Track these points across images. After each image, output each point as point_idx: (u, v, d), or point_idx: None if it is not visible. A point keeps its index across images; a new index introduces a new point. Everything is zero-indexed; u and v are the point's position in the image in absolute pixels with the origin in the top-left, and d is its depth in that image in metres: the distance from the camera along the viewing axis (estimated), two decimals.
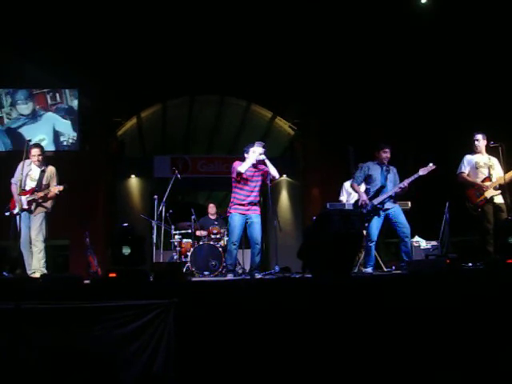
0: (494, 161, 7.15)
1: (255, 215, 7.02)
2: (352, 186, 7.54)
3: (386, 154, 7.24)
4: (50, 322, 3.84)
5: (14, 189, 6.91)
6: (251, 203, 7.03)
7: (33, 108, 11.15)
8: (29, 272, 6.64)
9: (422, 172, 7.02)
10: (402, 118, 10.47)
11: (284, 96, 11.92)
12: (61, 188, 6.96)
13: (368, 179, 7.29)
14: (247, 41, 10.38)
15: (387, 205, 7.08)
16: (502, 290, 4.45)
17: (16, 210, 6.77)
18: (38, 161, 7.02)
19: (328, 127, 11.67)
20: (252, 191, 7.06)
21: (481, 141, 7.22)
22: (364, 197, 7.16)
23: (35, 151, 7.01)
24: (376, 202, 7.08)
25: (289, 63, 10.90)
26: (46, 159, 7.28)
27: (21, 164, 6.93)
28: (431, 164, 7.02)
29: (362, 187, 7.45)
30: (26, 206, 6.79)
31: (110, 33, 9.87)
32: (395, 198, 7.17)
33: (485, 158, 7.19)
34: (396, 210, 7.09)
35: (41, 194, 6.88)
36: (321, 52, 10.61)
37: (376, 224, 7.08)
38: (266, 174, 7.10)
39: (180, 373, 3.95)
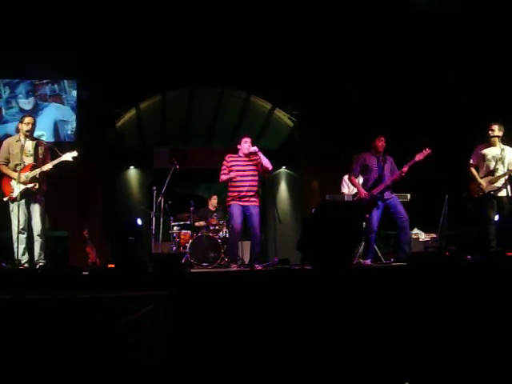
0: (508, 152, 7.07)
1: (253, 206, 7.06)
2: (350, 179, 7.50)
3: (381, 143, 7.20)
4: (49, 313, 3.83)
5: (5, 169, 6.47)
6: (248, 195, 7.06)
7: (34, 102, 11.09)
8: (23, 261, 6.34)
9: (418, 157, 6.99)
10: (403, 110, 10.45)
11: (283, 87, 11.88)
12: (75, 154, 6.53)
13: (364, 170, 7.26)
14: (247, 32, 10.35)
15: (386, 195, 7.06)
16: (501, 283, 4.45)
17: (15, 193, 6.32)
18: (30, 131, 6.53)
19: (328, 119, 11.65)
20: (247, 182, 7.10)
21: (495, 131, 7.13)
22: (362, 190, 7.14)
23: (29, 119, 6.55)
24: (375, 192, 7.06)
25: (288, 54, 10.86)
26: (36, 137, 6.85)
27: (6, 141, 6.65)
28: (427, 148, 6.99)
29: (360, 179, 7.44)
30: (30, 185, 6.36)
31: (110, 23, 9.83)
32: (393, 188, 7.16)
33: (496, 150, 7.08)
34: (394, 200, 7.07)
35: (49, 166, 6.45)
36: (321, 43, 10.57)
37: (376, 215, 7.07)
38: (259, 165, 7.13)
39: (179, 365, 3.95)
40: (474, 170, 7.25)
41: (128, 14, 9.74)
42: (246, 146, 7.21)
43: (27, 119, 6.58)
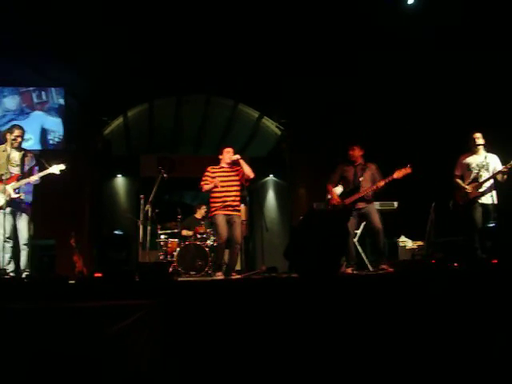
0: (491, 159, 7.13)
1: (236, 216, 7.16)
2: (326, 186, 7.50)
3: (352, 152, 7.26)
4: (35, 322, 3.81)
5: None
6: (232, 204, 7.16)
7: (19, 103, 11.01)
8: (8, 270, 6.30)
9: (396, 175, 6.96)
10: (390, 119, 10.49)
11: (271, 96, 11.90)
12: (62, 167, 6.65)
13: (343, 180, 7.31)
14: (234, 40, 10.35)
15: (359, 204, 7.07)
16: (485, 290, 4.47)
17: (1, 203, 6.29)
18: (19, 143, 6.58)
19: (315, 127, 11.68)
20: (231, 192, 7.18)
21: (480, 139, 7.21)
22: (335, 197, 7.18)
23: (18, 131, 6.58)
24: (347, 202, 7.08)
25: (276, 63, 10.87)
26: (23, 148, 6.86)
27: None
28: (408, 167, 6.99)
29: (340, 189, 7.47)
30: (14, 195, 6.36)
31: (98, 31, 9.80)
32: (372, 197, 7.18)
33: (480, 158, 7.19)
34: (369, 209, 7.08)
35: (35, 177, 6.52)
36: (308, 52, 10.59)
37: (351, 224, 7.07)
38: (241, 174, 7.18)
39: (167, 373, 3.94)
40: (459, 180, 7.33)
41: (115, 21, 9.71)
42: (228, 155, 7.31)
43: (16, 131, 6.60)
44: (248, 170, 7.20)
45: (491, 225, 6.67)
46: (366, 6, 9.38)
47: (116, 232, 5.58)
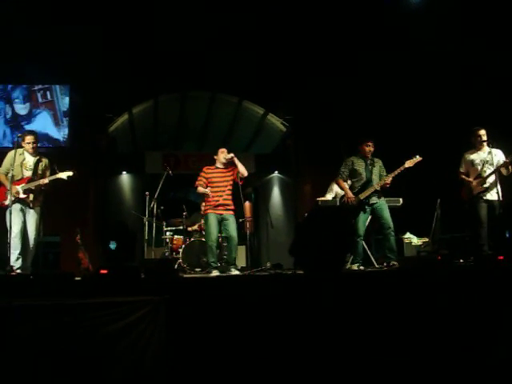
0: (496, 154, 7.08)
1: (229, 215, 7.35)
2: (337, 181, 7.40)
3: (368, 148, 7.20)
4: (40, 319, 3.82)
5: (4, 178, 6.71)
6: (224, 203, 7.34)
7: (30, 108, 11.04)
8: (15, 267, 6.44)
9: (407, 164, 6.99)
10: (395, 116, 10.45)
11: (276, 92, 11.88)
12: (70, 173, 6.91)
13: (353, 174, 7.24)
14: (239, 36, 10.33)
15: (373, 199, 7.04)
16: (491, 286, 4.46)
17: (7, 201, 6.49)
18: (33, 148, 6.89)
19: (320, 123, 11.66)
20: (223, 192, 7.37)
21: (484, 136, 7.18)
22: (350, 193, 7.13)
23: (30, 138, 6.88)
24: (362, 197, 7.04)
25: (281, 59, 10.86)
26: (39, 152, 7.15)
27: (10, 153, 6.80)
28: (417, 156, 7.01)
29: (348, 183, 7.43)
30: (22, 196, 6.65)
31: (102, 28, 9.80)
32: (382, 192, 7.14)
33: (483, 154, 7.16)
34: (381, 205, 7.04)
35: (45, 180, 6.79)
36: (313, 48, 10.57)
37: (362, 219, 7.05)
38: (235, 173, 7.38)
39: (171, 371, 3.94)
40: (464, 177, 7.30)
41: (121, 18, 9.71)
42: (222, 156, 7.52)
43: (28, 138, 6.91)
44: (242, 169, 7.41)
45: (497, 221, 6.65)
46: (367, 6, 9.39)
47: (110, 246, 5.65)
